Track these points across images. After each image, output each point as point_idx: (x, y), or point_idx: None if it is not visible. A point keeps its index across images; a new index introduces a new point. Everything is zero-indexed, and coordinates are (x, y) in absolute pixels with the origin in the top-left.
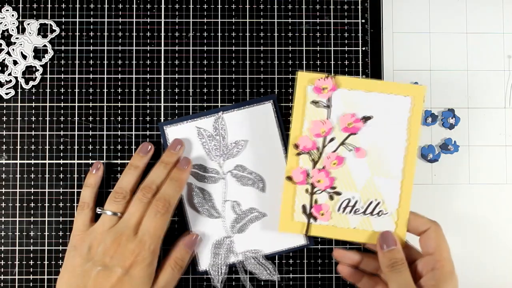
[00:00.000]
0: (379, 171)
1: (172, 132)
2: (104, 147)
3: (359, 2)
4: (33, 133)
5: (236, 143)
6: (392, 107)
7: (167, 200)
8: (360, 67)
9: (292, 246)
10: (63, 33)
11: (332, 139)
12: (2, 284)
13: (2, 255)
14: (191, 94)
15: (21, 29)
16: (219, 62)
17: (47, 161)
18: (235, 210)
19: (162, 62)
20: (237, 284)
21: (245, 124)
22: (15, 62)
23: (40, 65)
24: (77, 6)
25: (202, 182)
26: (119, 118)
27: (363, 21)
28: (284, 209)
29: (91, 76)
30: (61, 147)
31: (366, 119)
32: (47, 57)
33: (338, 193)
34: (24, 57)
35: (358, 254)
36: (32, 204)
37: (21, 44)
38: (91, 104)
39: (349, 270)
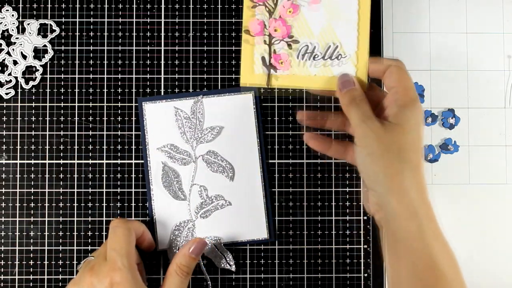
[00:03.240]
0: (334, 16)
1: (151, 109)
2: (104, 147)
3: None
4: (33, 133)
5: (212, 129)
6: None
7: (120, 219)
8: None
9: (253, 239)
10: (63, 33)
11: None
12: (2, 284)
13: (2, 255)
14: None
15: (21, 29)
16: (219, 62)
17: (47, 161)
18: (201, 195)
19: (162, 62)
20: (194, 269)
21: (223, 111)
22: (15, 62)
23: (40, 65)
24: (77, 6)
25: (173, 163)
26: (119, 118)
27: None
28: (244, 62)
29: (91, 76)
30: (61, 147)
31: None
32: (47, 57)
33: (296, 41)
34: (24, 57)
35: (320, 112)
36: (32, 204)
37: (21, 44)
38: (91, 104)
39: (316, 139)
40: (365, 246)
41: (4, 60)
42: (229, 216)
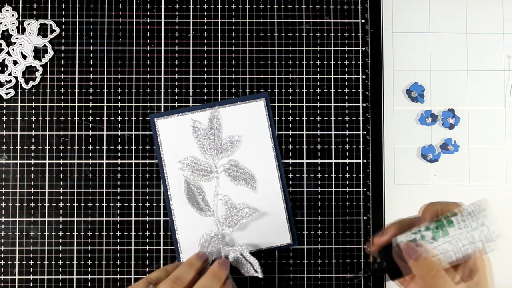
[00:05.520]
0: None
1: (163, 125)
2: (104, 147)
3: (359, 2)
4: (33, 133)
5: (230, 139)
6: None
7: None
8: (360, 67)
9: (278, 245)
10: (63, 33)
11: None
12: (2, 284)
13: (2, 255)
14: (191, 94)
15: (21, 29)
16: (219, 62)
17: (47, 161)
18: (226, 206)
19: (162, 62)
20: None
21: (238, 120)
22: (15, 62)
23: (40, 65)
24: (77, 6)
25: (195, 176)
26: (119, 118)
27: (363, 21)
28: None
29: (91, 76)
30: (61, 147)
31: None
32: (47, 57)
33: None
34: (24, 57)
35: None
36: (32, 204)
37: (21, 44)
38: (91, 104)
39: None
40: (365, 246)
41: (4, 60)
42: (254, 223)
